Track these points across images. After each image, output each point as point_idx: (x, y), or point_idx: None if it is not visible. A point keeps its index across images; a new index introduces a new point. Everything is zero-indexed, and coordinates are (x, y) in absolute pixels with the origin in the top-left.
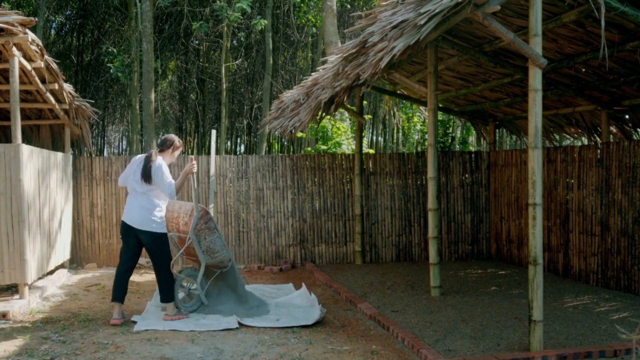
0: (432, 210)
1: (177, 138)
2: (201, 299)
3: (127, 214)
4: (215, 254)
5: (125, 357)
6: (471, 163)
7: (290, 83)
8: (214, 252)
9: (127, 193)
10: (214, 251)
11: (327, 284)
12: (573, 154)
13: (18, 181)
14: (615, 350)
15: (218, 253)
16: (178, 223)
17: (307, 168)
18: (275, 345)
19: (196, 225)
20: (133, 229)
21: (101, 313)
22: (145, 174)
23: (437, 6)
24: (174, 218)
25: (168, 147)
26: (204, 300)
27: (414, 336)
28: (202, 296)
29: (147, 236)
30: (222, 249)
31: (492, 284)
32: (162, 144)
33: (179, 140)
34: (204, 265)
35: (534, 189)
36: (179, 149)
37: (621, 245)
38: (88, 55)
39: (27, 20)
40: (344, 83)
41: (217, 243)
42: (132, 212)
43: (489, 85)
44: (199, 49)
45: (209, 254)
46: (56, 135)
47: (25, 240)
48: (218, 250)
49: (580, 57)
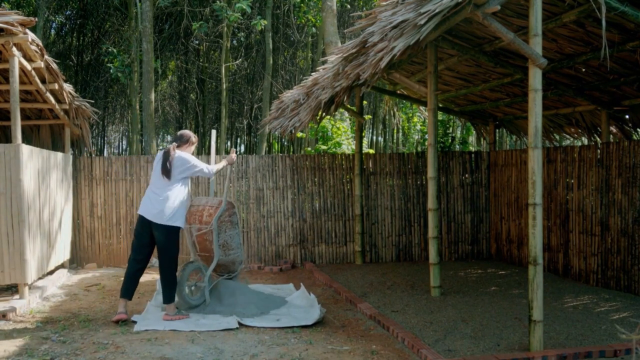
0: (432, 210)
1: (192, 134)
2: (205, 295)
3: (144, 206)
4: (230, 250)
5: (125, 357)
6: (471, 163)
7: (290, 83)
8: (229, 249)
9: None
10: (229, 247)
11: (327, 284)
12: (573, 154)
13: (18, 181)
14: (615, 350)
15: (233, 251)
16: (202, 215)
17: (307, 168)
18: (275, 345)
19: (221, 215)
20: (148, 223)
21: (101, 313)
22: (165, 170)
23: (437, 6)
24: (198, 211)
25: (185, 142)
26: (207, 298)
27: (414, 336)
28: (207, 293)
29: (161, 230)
30: (238, 248)
31: (492, 284)
32: (179, 139)
33: (195, 136)
34: (216, 260)
35: (534, 189)
36: (194, 144)
37: (621, 245)
38: (88, 55)
39: (27, 20)
40: (344, 83)
41: (235, 240)
42: (149, 205)
43: (489, 85)
44: (199, 49)
45: (224, 249)
46: (56, 135)
47: (25, 240)
48: (234, 248)
49: (580, 57)
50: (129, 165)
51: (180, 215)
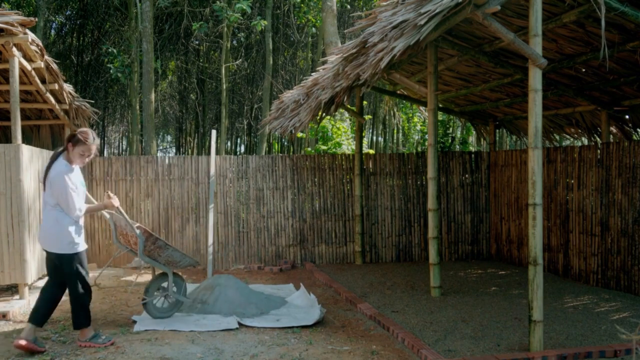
0: (432, 210)
1: (92, 134)
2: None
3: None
4: (178, 262)
5: (125, 357)
6: (471, 163)
7: (291, 83)
8: (176, 262)
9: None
10: (175, 261)
11: (327, 284)
12: (573, 154)
13: (18, 181)
14: (615, 350)
15: (180, 262)
16: (130, 240)
17: (307, 168)
18: (276, 346)
19: (144, 248)
20: None
21: (101, 313)
22: (44, 180)
23: (437, 6)
24: (125, 234)
25: (76, 142)
26: (181, 298)
27: (414, 336)
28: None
29: (55, 258)
30: (183, 258)
31: (492, 284)
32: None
33: (93, 136)
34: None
35: (534, 189)
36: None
37: (621, 245)
38: (88, 55)
39: (27, 20)
40: (344, 83)
41: (175, 255)
42: (41, 228)
43: (489, 86)
44: (199, 49)
45: (171, 264)
46: (56, 136)
47: (25, 241)
48: (179, 260)
49: (580, 57)
50: (129, 165)
51: (69, 242)
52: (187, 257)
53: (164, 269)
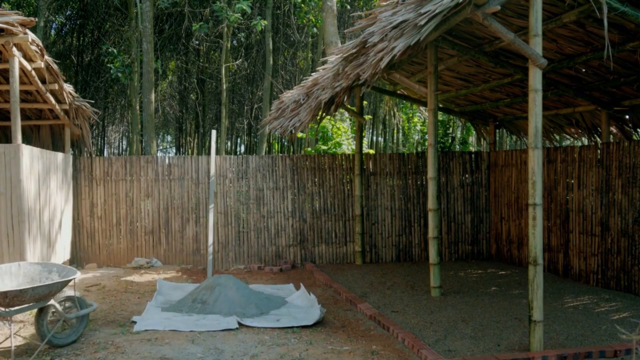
0: (432, 210)
1: None
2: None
3: None
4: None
5: (125, 357)
6: (471, 163)
7: (291, 83)
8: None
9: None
10: (47, 294)
11: (327, 284)
12: (573, 154)
13: (18, 181)
14: (615, 350)
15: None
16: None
17: (307, 168)
18: (276, 346)
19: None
20: None
21: (101, 313)
22: None
23: (437, 6)
24: None
25: None
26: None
27: (414, 336)
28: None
29: None
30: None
31: (492, 284)
32: None
33: None
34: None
35: (534, 189)
36: None
37: (621, 245)
38: (88, 55)
39: (27, 20)
40: (344, 83)
41: (39, 290)
42: None
43: (489, 86)
44: (199, 49)
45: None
46: (56, 136)
47: (25, 241)
48: (50, 291)
49: (581, 58)
50: (129, 165)
51: None
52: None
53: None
